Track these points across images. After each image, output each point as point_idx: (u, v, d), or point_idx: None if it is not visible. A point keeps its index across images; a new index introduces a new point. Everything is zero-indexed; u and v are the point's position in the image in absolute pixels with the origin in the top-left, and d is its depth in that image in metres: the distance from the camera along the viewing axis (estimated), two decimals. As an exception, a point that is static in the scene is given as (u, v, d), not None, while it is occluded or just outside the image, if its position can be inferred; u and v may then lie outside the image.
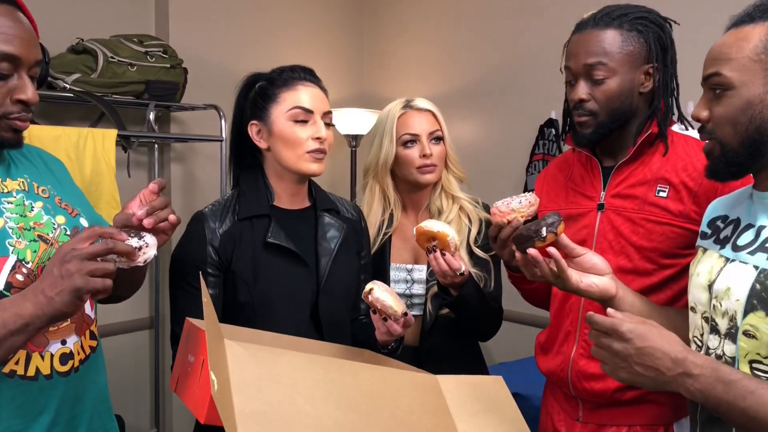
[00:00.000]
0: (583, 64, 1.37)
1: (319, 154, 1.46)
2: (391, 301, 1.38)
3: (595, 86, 1.37)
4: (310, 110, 1.46)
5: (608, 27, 1.36)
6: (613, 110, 1.38)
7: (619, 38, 1.36)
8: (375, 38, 3.77)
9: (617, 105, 1.38)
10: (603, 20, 1.37)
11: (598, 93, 1.37)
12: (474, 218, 1.78)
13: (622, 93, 1.37)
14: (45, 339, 1.13)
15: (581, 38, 1.39)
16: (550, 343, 1.54)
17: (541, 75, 2.99)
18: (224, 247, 1.41)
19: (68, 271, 0.98)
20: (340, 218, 1.57)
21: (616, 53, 1.35)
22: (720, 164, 1.06)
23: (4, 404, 1.08)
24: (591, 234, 1.45)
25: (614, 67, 1.35)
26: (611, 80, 1.36)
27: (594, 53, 1.36)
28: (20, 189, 1.16)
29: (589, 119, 1.40)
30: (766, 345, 0.97)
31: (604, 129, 1.40)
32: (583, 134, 1.42)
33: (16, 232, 1.11)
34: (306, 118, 1.45)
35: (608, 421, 1.44)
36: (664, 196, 1.37)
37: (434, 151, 1.75)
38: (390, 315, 1.39)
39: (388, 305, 1.38)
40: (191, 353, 1.17)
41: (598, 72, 1.36)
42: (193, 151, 3.03)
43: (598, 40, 1.36)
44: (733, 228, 1.11)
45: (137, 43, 2.54)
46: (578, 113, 1.41)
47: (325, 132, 1.46)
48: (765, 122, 1.00)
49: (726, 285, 1.03)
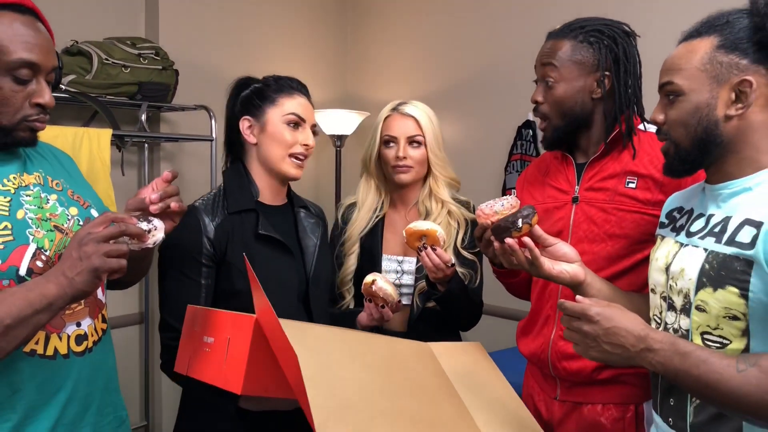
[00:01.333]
0: (540, 65, 1.54)
1: (301, 159, 1.59)
2: (391, 290, 1.57)
3: (548, 90, 1.53)
4: (304, 119, 1.60)
5: (564, 37, 1.52)
6: (563, 113, 1.52)
7: (570, 48, 1.50)
8: (358, 42, 3.87)
9: (566, 109, 1.52)
10: (562, 31, 1.53)
11: (549, 96, 1.53)
12: (461, 221, 1.90)
13: (570, 98, 1.51)
14: (62, 321, 1.20)
15: (543, 46, 1.56)
16: (530, 326, 1.66)
17: (519, 78, 3.10)
18: (218, 239, 1.49)
19: (86, 253, 1.06)
20: (312, 215, 1.71)
21: (565, 60, 1.50)
22: (675, 162, 1.19)
23: (26, 381, 1.15)
24: (567, 225, 1.57)
25: (563, 74, 1.50)
26: (559, 85, 1.51)
27: (547, 58, 1.52)
28: (36, 183, 1.24)
29: (545, 124, 1.56)
30: (715, 318, 1.09)
31: (559, 132, 1.55)
32: (545, 137, 1.58)
33: (35, 222, 1.19)
34: (299, 123, 1.59)
35: (584, 399, 1.55)
36: (633, 187, 1.50)
37: (411, 154, 1.88)
38: (389, 303, 1.56)
39: (389, 294, 1.56)
40: (207, 335, 1.26)
41: (549, 76, 1.51)
42: (181, 150, 3.10)
43: (553, 49, 1.52)
44: (687, 217, 1.24)
45: (130, 45, 2.61)
46: (537, 116, 1.58)
47: (312, 140, 1.60)
48: (711, 124, 1.12)
49: (680, 267, 1.16)
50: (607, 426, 1.52)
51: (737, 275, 1.06)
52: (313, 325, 1.28)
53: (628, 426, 1.50)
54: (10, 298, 1.04)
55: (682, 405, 1.15)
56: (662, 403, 1.21)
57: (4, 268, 1.11)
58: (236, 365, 1.16)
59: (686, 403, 1.14)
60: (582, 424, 1.54)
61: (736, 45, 1.11)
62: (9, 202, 1.17)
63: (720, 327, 1.09)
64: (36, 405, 1.16)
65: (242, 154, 1.63)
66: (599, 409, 1.53)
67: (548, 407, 1.62)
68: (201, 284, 1.47)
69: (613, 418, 1.52)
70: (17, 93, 1.16)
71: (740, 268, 1.06)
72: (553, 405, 1.60)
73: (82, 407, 1.24)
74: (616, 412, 1.52)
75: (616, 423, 1.51)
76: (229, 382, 1.17)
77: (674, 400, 1.17)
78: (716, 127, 1.12)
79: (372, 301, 1.61)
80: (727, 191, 1.16)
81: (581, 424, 1.54)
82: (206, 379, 1.23)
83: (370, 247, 1.91)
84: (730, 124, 1.12)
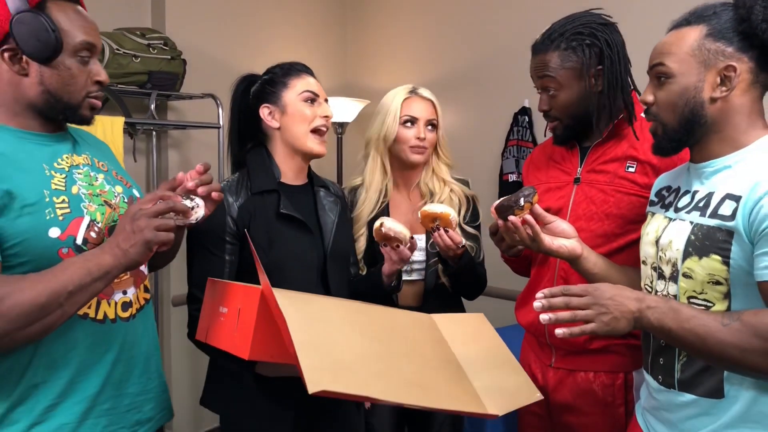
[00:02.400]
0: (537, 79, 1.64)
1: (322, 132, 1.70)
2: (401, 227, 1.66)
3: (552, 99, 1.63)
4: (317, 94, 1.70)
5: (548, 50, 1.61)
6: (572, 115, 1.63)
7: (558, 58, 1.59)
8: (358, 31, 3.96)
9: (574, 110, 1.62)
10: (544, 44, 1.62)
11: (555, 104, 1.63)
12: (462, 199, 2.01)
13: (574, 100, 1.61)
14: (111, 288, 1.31)
15: (533, 62, 1.66)
16: (528, 298, 1.76)
17: (516, 66, 3.19)
18: (241, 218, 1.59)
19: (139, 227, 1.16)
20: (331, 194, 1.79)
21: (559, 70, 1.59)
22: (663, 141, 1.30)
23: (80, 342, 1.26)
24: (567, 203, 1.68)
25: (562, 82, 1.60)
26: (561, 93, 1.61)
27: (543, 74, 1.62)
28: (85, 163, 1.35)
29: (556, 124, 1.66)
30: (700, 283, 1.20)
31: (570, 130, 1.66)
32: (557, 136, 1.69)
33: (87, 197, 1.29)
34: (314, 98, 1.69)
35: (577, 367, 1.66)
36: (633, 171, 1.60)
37: (428, 136, 1.98)
38: (401, 240, 1.66)
39: (399, 231, 1.65)
40: (222, 305, 1.36)
41: (550, 88, 1.62)
42: (188, 138, 3.19)
43: (544, 63, 1.61)
44: (675, 194, 1.35)
45: (140, 35, 2.70)
46: (547, 119, 1.68)
47: (330, 111, 1.71)
48: (697, 105, 1.23)
49: (669, 239, 1.27)
50: (599, 392, 1.63)
51: (720, 244, 1.17)
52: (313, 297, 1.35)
53: (618, 392, 1.61)
54: (71, 267, 1.14)
55: (670, 363, 1.27)
56: (653, 364, 1.32)
57: (64, 237, 1.22)
58: (245, 332, 1.26)
59: (674, 362, 1.26)
60: (575, 390, 1.65)
61: (723, 34, 1.22)
62: (64, 178, 1.27)
63: (705, 291, 1.20)
64: (87, 363, 1.27)
65: (264, 139, 1.72)
66: (591, 377, 1.64)
67: (543, 374, 1.73)
68: (225, 260, 1.58)
69: (603, 384, 1.63)
70: (82, 72, 1.27)
71: (722, 238, 1.17)
72: (548, 372, 1.71)
73: (127, 369, 1.35)
74: (606, 379, 1.63)
75: (606, 389, 1.62)
76: (238, 348, 1.27)
77: (663, 360, 1.29)
78: (702, 108, 1.23)
79: (387, 245, 1.71)
80: (709, 169, 1.27)
81: (574, 389, 1.65)
82: (220, 345, 1.34)
83: None
84: (714, 105, 1.23)
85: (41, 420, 1.22)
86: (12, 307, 1.08)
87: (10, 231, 1.16)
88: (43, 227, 1.19)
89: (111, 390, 1.31)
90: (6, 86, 1.25)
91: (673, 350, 1.26)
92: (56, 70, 1.24)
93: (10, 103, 1.25)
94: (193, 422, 3.26)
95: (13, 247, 1.16)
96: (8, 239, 1.16)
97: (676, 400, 1.26)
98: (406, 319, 1.45)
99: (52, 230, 1.20)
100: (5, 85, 1.25)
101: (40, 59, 1.22)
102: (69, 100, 1.27)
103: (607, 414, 1.61)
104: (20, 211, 1.17)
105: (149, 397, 1.41)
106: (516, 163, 3.18)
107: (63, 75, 1.25)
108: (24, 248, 1.17)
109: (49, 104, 1.26)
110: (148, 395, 1.41)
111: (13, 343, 1.13)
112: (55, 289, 1.11)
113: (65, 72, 1.25)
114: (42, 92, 1.25)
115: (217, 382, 1.66)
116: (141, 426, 1.39)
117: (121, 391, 1.34)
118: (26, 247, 1.17)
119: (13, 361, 1.20)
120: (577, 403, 1.65)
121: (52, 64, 1.23)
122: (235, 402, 1.60)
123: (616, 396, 1.61)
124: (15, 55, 1.22)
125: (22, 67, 1.23)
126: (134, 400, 1.37)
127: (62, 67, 1.24)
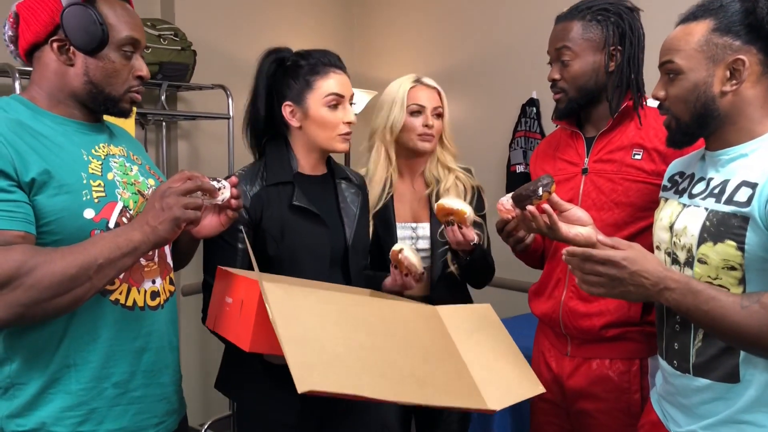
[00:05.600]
0: (554, 49, 1.66)
1: (348, 135, 1.67)
2: (416, 261, 1.64)
3: (564, 68, 1.65)
4: (342, 95, 1.64)
5: (573, 19, 1.64)
6: (580, 87, 1.65)
7: (581, 28, 1.63)
8: (366, 22, 3.96)
9: (582, 83, 1.64)
10: (571, 13, 1.65)
11: (566, 73, 1.65)
12: (468, 187, 2.03)
13: (585, 73, 1.64)
14: (141, 276, 1.34)
15: (555, 29, 1.68)
16: (542, 289, 1.79)
17: (524, 58, 3.23)
18: (254, 207, 1.60)
19: (168, 205, 1.20)
20: (354, 185, 1.78)
21: (578, 39, 1.62)
22: (677, 135, 1.32)
23: (109, 326, 1.29)
24: (576, 194, 1.69)
25: (577, 51, 1.63)
26: (575, 62, 1.63)
27: (561, 40, 1.64)
28: (121, 154, 1.38)
29: (561, 96, 1.68)
30: (714, 269, 1.22)
31: (573, 104, 1.67)
32: (558, 108, 1.71)
33: (122, 184, 1.32)
34: (338, 102, 1.64)
35: (593, 355, 1.68)
36: (639, 158, 1.62)
37: (435, 124, 1.99)
38: (412, 273, 1.64)
39: (413, 264, 1.63)
40: (228, 296, 1.38)
41: (564, 55, 1.64)
42: (197, 128, 3.20)
43: (564, 30, 1.64)
44: (689, 181, 1.37)
45: (150, 26, 2.70)
46: (553, 91, 1.70)
47: (353, 116, 1.66)
48: (709, 100, 1.25)
49: (684, 224, 1.29)
50: (615, 378, 1.65)
51: (735, 230, 1.19)
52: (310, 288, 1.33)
53: (633, 378, 1.64)
54: (101, 242, 1.17)
55: (685, 348, 1.29)
56: (667, 349, 1.34)
57: (97, 219, 1.24)
58: (246, 324, 1.27)
59: (689, 347, 1.28)
60: (591, 377, 1.67)
61: (730, 28, 1.24)
62: (101, 165, 1.30)
63: (719, 277, 1.22)
64: (116, 349, 1.30)
65: (284, 130, 1.70)
66: (607, 364, 1.66)
67: (559, 363, 1.75)
68: (237, 248, 1.58)
69: (619, 371, 1.65)
70: (125, 66, 1.31)
71: (737, 224, 1.19)
72: (563, 360, 1.73)
73: (158, 359, 1.37)
74: (622, 366, 1.65)
75: (622, 375, 1.65)
76: (240, 339, 1.29)
77: (678, 345, 1.31)
78: (713, 102, 1.25)
79: (398, 267, 1.70)
80: (725, 157, 1.29)
81: (590, 376, 1.68)
82: (225, 335, 1.36)
83: (384, 217, 2.01)
84: (725, 99, 1.25)
85: (73, 403, 1.25)
86: (43, 277, 1.11)
87: (48, 208, 1.19)
88: (78, 207, 1.22)
89: (142, 378, 1.33)
90: (52, 75, 1.28)
91: (688, 335, 1.28)
92: (101, 62, 1.27)
93: (54, 91, 1.29)
94: (203, 411, 3.28)
95: (48, 224, 1.20)
96: (45, 216, 1.19)
97: (691, 384, 1.28)
98: (408, 310, 1.45)
99: (87, 211, 1.23)
100: (51, 74, 1.28)
101: (87, 51, 1.25)
102: (111, 92, 1.30)
103: (623, 400, 1.63)
104: (58, 189, 1.20)
105: (174, 389, 1.44)
106: (524, 154, 3.20)
107: (107, 67, 1.28)
108: (59, 226, 1.20)
109: (91, 95, 1.29)
110: (174, 387, 1.43)
111: (44, 313, 1.15)
112: (85, 262, 1.14)
113: (109, 65, 1.28)
114: (86, 83, 1.28)
115: (230, 366, 1.68)
116: (170, 416, 1.41)
117: (154, 381, 1.36)
118: (61, 225, 1.20)
119: (47, 337, 1.23)
120: (592, 390, 1.67)
121: (97, 56, 1.27)
122: (246, 387, 1.63)
123: (632, 382, 1.64)
124: (63, 45, 1.26)
125: (69, 58, 1.27)
126: (165, 390, 1.39)
127: (107, 60, 1.28)
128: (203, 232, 1.45)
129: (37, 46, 1.28)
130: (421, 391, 1.21)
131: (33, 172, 1.18)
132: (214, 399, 3.28)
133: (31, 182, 1.18)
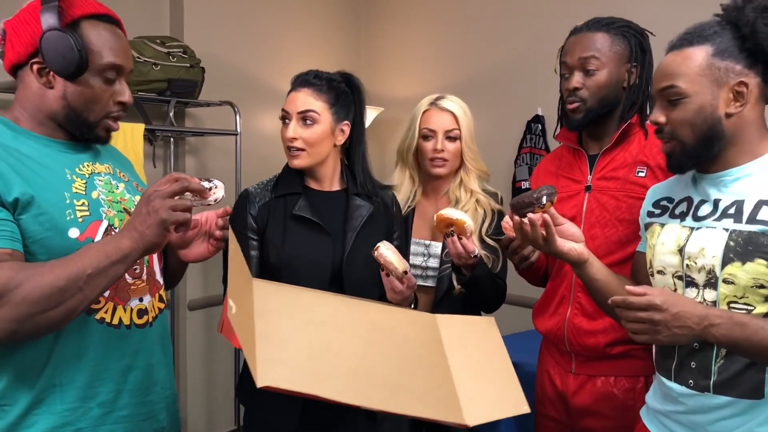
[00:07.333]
0: (578, 58, 1.65)
1: (292, 150, 1.71)
2: (393, 258, 1.55)
3: (588, 77, 1.65)
4: (289, 112, 1.71)
5: (599, 30, 1.65)
6: (601, 98, 1.65)
7: (609, 40, 1.64)
8: (371, 39, 3.99)
9: (605, 94, 1.65)
10: (595, 25, 1.67)
11: (590, 82, 1.65)
12: (488, 211, 2.00)
13: (609, 84, 1.64)
14: (128, 294, 1.33)
15: (577, 39, 1.68)
16: (545, 306, 1.79)
17: (529, 74, 3.24)
18: (261, 216, 1.70)
19: (154, 208, 1.17)
20: (371, 201, 1.78)
21: (606, 50, 1.63)
22: (682, 159, 1.32)
23: (95, 346, 1.28)
24: (580, 211, 1.70)
25: (605, 62, 1.63)
26: (601, 72, 1.64)
27: (588, 49, 1.64)
28: (107, 172, 1.38)
29: (579, 105, 1.66)
30: (742, 288, 1.23)
31: (592, 114, 1.67)
32: (575, 119, 1.69)
33: (107, 203, 1.33)
34: (285, 118, 1.72)
35: (597, 372, 1.68)
36: (643, 175, 1.63)
37: (448, 147, 1.99)
38: (391, 271, 1.57)
39: (390, 261, 1.55)
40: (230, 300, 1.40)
41: (591, 65, 1.64)
42: (205, 144, 3.23)
43: (592, 40, 1.64)
44: (687, 205, 1.37)
45: (159, 44, 2.74)
46: (571, 100, 1.68)
47: (293, 132, 1.69)
48: (715, 121, 1.27)
49: (700, 246, 1.28)
50: (619, 396, 1.65)
51: (764, 248, 1.20)
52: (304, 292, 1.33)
53: (639, 395, 1.63)
54: (89, 252, 1.16)
55: (706, 366, 1.28)
56: (680, 368, 1.32)
57: (82, 238, 1.25)
58: None
59: (711, 365, 1.27)
60: (596, 394, 1.67)
61: (729, 52, 1.26)
62: (85, 183, 1.31)
63: (746, 296, 1.23)
64: (102, 368, 1.29)
65: None
66: (612, 381, 1.66)
67: (563, 380, 1.74)
68: (250, 256, 1.66)
69: (624, 388, 1.65)
70: (105, 92, 1.30)
71: (766, 242, 1.20)
72: (567, 378, 1.73)
73: (145, 377, 1.36)
74: (627, 383, 1.65)
75: (627, 393, 1.64)
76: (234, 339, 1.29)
77: (696, 363, 1.29)
78: (719, 124, 1.27)
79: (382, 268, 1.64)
80: (728, 178, 1.30)
81: (595, 394, 1.67)
82: (228, 337, 1.39)
83: None
84: (730, 120, 1.27)
85: (58, 423, 1.24)
86: (32, 291, 1.10)
87: (33, 228, 1.19)
88: (62, 227, 1.23)
89: (129, 397, 1.33)
90: (33, 96, 1.29)
91: (710, 353, 1.27)
92: (80, 87, 1.27)
93: (35, 112, 1.30)
94: (208, 426, 3.28)
95: (34, 244, 1.20)
96: (30, 236, 1.19)
97: (710, 402, 1.27)
98: (403, 317, 1.43)
99: (72, 231, 1.23)
100: (32, 94, 1.29)
101: (65, 75, 1.25)
102: (88, 116, 1.30)
103: (628, 417, 1.62)
104: (41, 210, 1.20)
105: (163, 407, 1.43)
106: (529, 170, 3.20)
107: (85, 93, 1.27)
108: (44, 246, 1.20)
109: (68, 118, 1.29)
110: (162, 404, 1.42)
111: (37, 327, 1.14)
112: (73, 273, 1.13)
113: (88, 90, 1.27)
114: (64, 106, 1.28)
115: (244, 373, 1.72)
116: None
117: (140, 399, 1.35)
118: (46, 246, 1.20)
119: (34, 357, 1.23)
120: (597, 407, 1.67)
121: (76, 81, 1.26)
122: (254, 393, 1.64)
123: (636, 399, 1.63)
124: (43, 68, 1.26)
125: (49, 81, 1.27)
126: (152, 409, 1.38)
127: (86, 85, 1.27)
128: (191, 257, 1.46)
129: (19, 66, 1.28)
130: (393, 398, 1.19)
131: (16, 193, 1.18)
132: (219, 414, 3.28)
133: (15, 202, 1.17)
